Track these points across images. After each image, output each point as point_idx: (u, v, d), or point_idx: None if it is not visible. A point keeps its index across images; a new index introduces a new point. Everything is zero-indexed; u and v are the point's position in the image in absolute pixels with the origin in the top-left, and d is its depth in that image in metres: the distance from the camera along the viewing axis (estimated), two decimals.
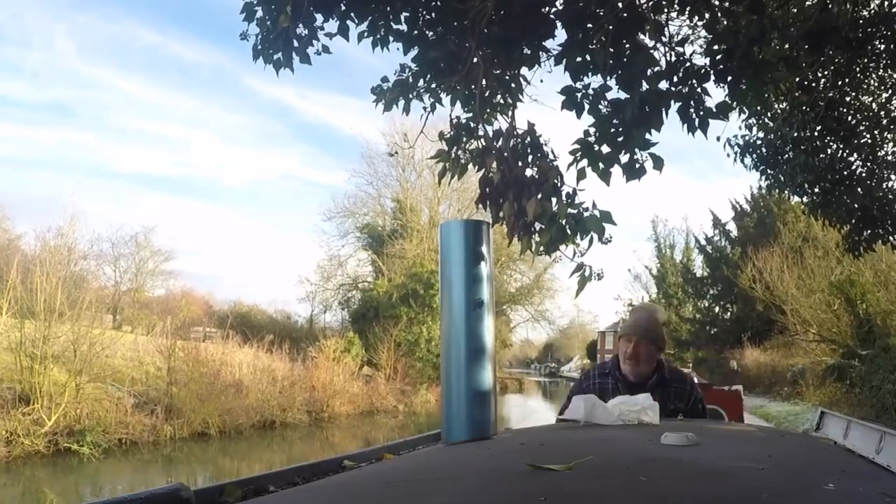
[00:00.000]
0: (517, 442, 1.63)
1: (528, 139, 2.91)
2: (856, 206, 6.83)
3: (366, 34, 3.36)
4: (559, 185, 2.73)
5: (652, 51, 2.88)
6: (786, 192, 7.54)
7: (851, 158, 6.84)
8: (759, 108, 6.37)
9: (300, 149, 61.26)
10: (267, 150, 54.26)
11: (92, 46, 46.42)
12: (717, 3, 3.17)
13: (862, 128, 6.74)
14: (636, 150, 2.78)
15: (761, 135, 7.03)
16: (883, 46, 6.12)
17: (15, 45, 44.49)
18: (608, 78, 2.92)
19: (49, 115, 47.88)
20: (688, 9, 3.33)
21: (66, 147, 46.13)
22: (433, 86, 3.34)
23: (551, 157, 2.91)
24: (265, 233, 56.64)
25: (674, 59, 2.89)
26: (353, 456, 1.47)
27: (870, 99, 6.93)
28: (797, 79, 5.95)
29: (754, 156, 7.00)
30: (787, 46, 5.01)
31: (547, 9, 3.15)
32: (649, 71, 2.85)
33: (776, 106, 6.66)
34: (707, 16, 3.24)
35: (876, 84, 6.84)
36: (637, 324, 2.76)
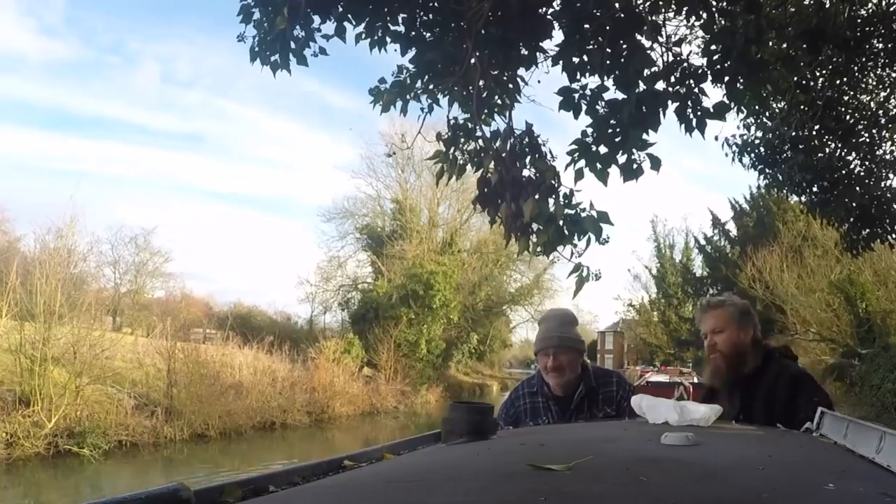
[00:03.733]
0: (517, 442, 1.63)
1: (526, 140, 2.91)
2: (854, 204, 6.83)
3: (363, 36, 3.37)
4: (556, 185, 2.73)
5: (649, 51, 2.89)
6: (784, 191, 7.54)
7: (850, 157, 6.84)
8: (756, 107, 6.37)
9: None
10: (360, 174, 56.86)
11: (254, 90, 49.81)
12: (714, 3, 3.17)
13: (860, 127, 6.74)
14: (633, 150, 2.78)
15: (759, 134, 7.03)
16: (881, 45, 6.13)
17: (182, 85, 47.88)
18: (605, 78, 2.93)
19: (180, 143, 51.99)
20: (685, 9, 3.34)
21: (169, 166, 49.17)
22: (431, 87, 3.34)
23: (549, 157, 2.91)
24: (294, 236, 58.32)
25: (671, 59, 2.90)
26: (353, 456, 1.47)
27: (868, 98, 6.94)
28: (795, 78, 5.96)
29: (752, 155, 7.00)
30: (784, 46, 5.02)
31: (544, 9, 3.16)
32: (646, 71, 2.85)
33: (774, 105, 6.66)
34: (704, 16, 3.24)
35: (874, 83, 6.85)
36: (549, 334, 2.62)
